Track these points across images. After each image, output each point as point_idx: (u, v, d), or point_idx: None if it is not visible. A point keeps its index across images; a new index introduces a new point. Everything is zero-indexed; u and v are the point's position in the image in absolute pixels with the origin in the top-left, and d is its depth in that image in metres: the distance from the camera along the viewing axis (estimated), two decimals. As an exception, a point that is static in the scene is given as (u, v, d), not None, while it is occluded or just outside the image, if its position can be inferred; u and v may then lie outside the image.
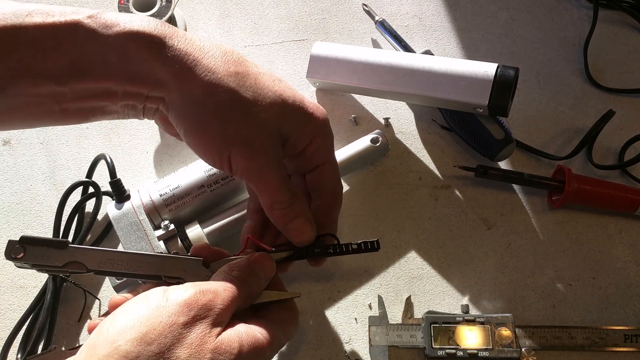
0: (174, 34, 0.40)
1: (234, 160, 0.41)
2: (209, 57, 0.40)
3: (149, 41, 0.39)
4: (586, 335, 0.50)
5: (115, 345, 0.32)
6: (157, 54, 0.39)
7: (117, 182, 0.51)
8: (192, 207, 0.51)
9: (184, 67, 0.39)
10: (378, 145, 0.56)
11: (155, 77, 0.40)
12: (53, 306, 0.50)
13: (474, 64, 0.54)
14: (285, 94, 0.43)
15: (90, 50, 0.38)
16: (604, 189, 0.55)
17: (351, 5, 0.66)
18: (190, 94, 0.40)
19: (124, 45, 0.39)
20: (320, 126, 0.44)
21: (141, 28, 0.39)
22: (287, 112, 0.42)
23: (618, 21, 0.65)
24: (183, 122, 0.41)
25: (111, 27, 0.39)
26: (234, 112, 0.40)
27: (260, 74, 0.42)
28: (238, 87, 0.40)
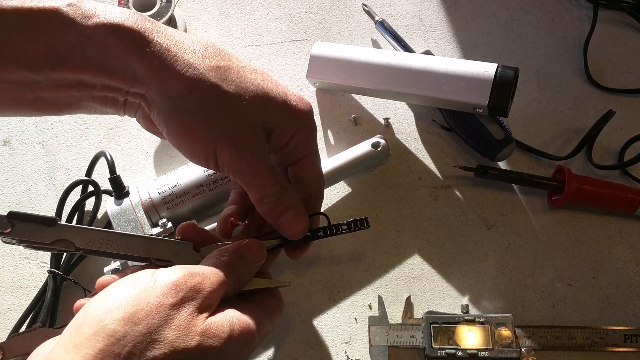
0: (154, 28, 0.40)
1: (219, 156, 0.40)
2: (189, 52, 0.40)
3: (129, 35, 0.38)
4: (586, 335, 0.50)
5: (102, 324, 0.32)
6: (136, 49, 0.38)
7: (117, 179, 0.51)
8: (190, 206, 0.51)
9: (163, 62, 0.39)
10: (379, 150, 0.56)
11: (134, 72, 0.39)
12: (53, 305, 0.50)
13: (473, 64, 0.54)
14: (268, 87, 0.42)
15: (67, 40, 0.37)
16: (604, 189, 0.55)
17: (351, 5, 0.66)
18: (170, 91, 0.39)
19: (102, 37, 0.38)
20: (303, 119, 0.44)
21: (121, 21, 0.38)
22: (270, 106, 0.41)
23: (618, 21, 0.65)
24: (165, 120, 0.40)
25: (90, 17, 0.38)
26: (216, 107, 0.39)
27: (243, 67, 0.42)
28: (220, 81, 0.40)
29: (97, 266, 0.54)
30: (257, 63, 0.63)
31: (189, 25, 0.64)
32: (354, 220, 0.44)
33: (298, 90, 0.61)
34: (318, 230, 0.45)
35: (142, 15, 0.40)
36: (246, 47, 0.64)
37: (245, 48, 0.64)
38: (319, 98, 0.61)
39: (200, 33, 0.64)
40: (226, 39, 0.64)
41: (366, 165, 0.56)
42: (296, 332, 0.51)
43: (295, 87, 0.62)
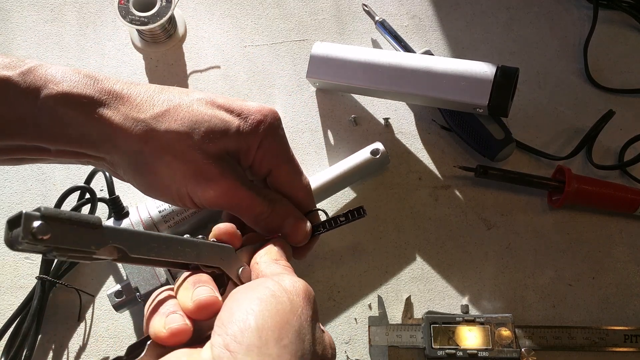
0: (104, 89, 0.39)
1: (193, 195, 0.40)
2: (135, 107, 0.40)
3: (79, 103, 0.38)
4: (586, 336, 0.50)
5: (282, 343, 0.30)
6: (87, 116, 0.39)
7: (116, 200, 0.51)
8: (191, 223, 0.51)
9: (113, 124, 0.39)
10: (378, 157, 0.55)
11: (90, 139, 0.39)
12: (39, 312, 0.49)
13: (474, 64, 0.53)
14: (219, 115, 0.41)
15: (19, 110, 0.38)
16: (604, 189, 0.55)
17: (351, 5, 0.66)
18: (126, 150, 0.39)
19: (54, 107, 0.38)
20: (264, 130, 0.42)
21: (70, 89, 0.38)
22: (227, 132, 0.41)
23: (618, 21, 0.65)
24: (131, 177, 0.41)
25: (41, 88, 0.38)
26: (173, 150, 0.39)
27: (192, 101, 0.41)
28: (170, 124, 0.39)
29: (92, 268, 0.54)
30: (257, 63, 0.63)
31: (189, 25, 0.64)
32: (350, 211, 0.45)
33: (298, 90, 0.61)
34: (317, 227, 0.45)
35: (93, 76, 0.40)
36: (246, 47, 0.64)
37: (245, 48, 0.64)
38: (319, 98, 0.61)
39: (200, 33, 0.64)
40: (226, 39, 0.64)
41: (366, 172, 0.56)
42: (296, 332, 0.51)
43: (295, 87, 0.62)
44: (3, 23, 0.64)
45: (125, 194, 0.56)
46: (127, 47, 0.63)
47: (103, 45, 0.63)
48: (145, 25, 0.58)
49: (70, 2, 0.65)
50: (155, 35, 0.61)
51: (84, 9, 0.65)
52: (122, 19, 0.58)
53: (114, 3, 0.60)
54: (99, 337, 0.51)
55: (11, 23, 0.64)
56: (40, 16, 0.64)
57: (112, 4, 0.65)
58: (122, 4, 0.59)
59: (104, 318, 0.52)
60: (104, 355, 0.51)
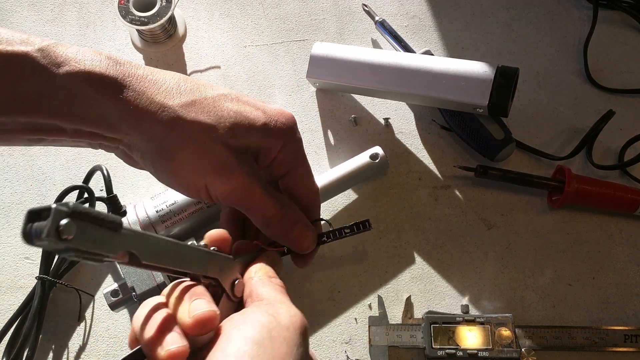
0: (127, 72, 0.39)
1: (211, 187, 0.40)
2: (162, 93, 0.39)
3: (100, 83, 0.38)
4: (586, 335, 0.50)
5: None
6: (109, 97, 0.38)
7: (114, 198, 0.51)
8: (189, 224, 0.51)
9: (138, 107, 0.38)
10: (377, 161, 0.55)
11: (108, 119, 0.38)
12: (40, 312, 0.49)
13: (474, 64, 0.53)
14: (246, 111, 0.41)
15: (37, 86, 0.37)
16: (604, 189, 0.55)
17: (351, 5, 0.66)
18: (150, 134, 0.39)
19: (74, 85, 0.37)
20: (285, 134, 0.43)
21: (92, 68, 0.38)
22: (251, 130, 0.41)
23: (618, 21, 0.65)
24: (151, 161, 0.40)
25: (61, 64, 0.37)
26: (200, 142, 0.39)
27: (218, 96, 0.41)
28: (197, 115, 0.39)
29: (92, 268, 0.54)
30: (257, 63, 0.63)
31: (189, 25, 0.64)
32: (356, 223, 0.45)
33: (298, 90, 0.61)
34: (322, 236, 0.45)
35: (114, 58, 0.39)
36: (246, 47, 0.64)
37: (245, 48, 0.64)
38: (319, 98, 0.61)
39: (200, 33, 0.64)
40: (226, 39, 0.64)
41: (365, 177, 0.56)
42: (296, 332, 0.51)
43: (295, 87, 0.62)
44: (3, 23, 0.64)
45: (124, 193, 0.56)
46: (127, 47, 0.63)
47: (103, 45, 0.63)
48: (145, 25, 0.58)
49: (70, 2, 0.65)
50: (155, 36, 0.61)
51: (84, 9, 0.65)
52: (122, 19, 0.58)
53: (114, 3, 0.60)
54: (99, 337, 0.51)
55: (11, 23, 0.64)
56: (40, 16, 0.64)
57: (112, 4, 0.65)
58: (122, 4, 0.59)
59: (103, 318, 0.52)
60: (104, 355, 0.51)
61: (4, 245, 0.55)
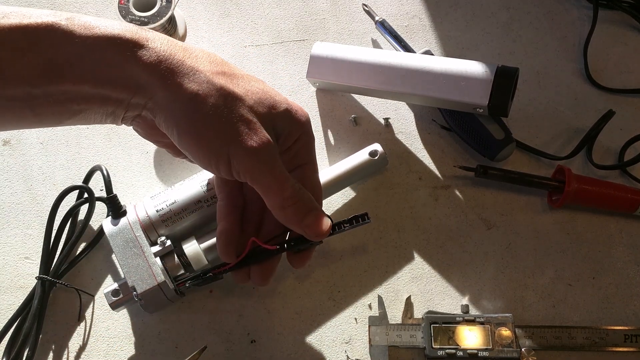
0: (155, 37, 0.40)
1: (234, 160, 0.40)
2: (193, 58, 0.40)
3: (129, 44, 0.39)
4: (586, 335, 0.50)
5: None
6: (139, 58, 0.39)
7: (113, 198, 0.51)
8: (189, 223, 0.50)
9: (168, 68, 0.39)
10: (377, 158, 0.55)
11: (137, 81, 0.39)
12: (40, 312, 0.49)
13: (474, 64, 0.54)
14: (272, 92, 0.43)
15: (66, 52, 0.38)
16: (604, 189, 0.55)
17: (351, 5, 0.66)
18: (179, 95, 0.39)
19: (102, 48, 0.38)
20: (304, 126, 0.44)
21: (121, 32, 0.39)
22: (277, 110, 0.42)
23: (618, 21, 0.65)
24: (175, 124, 0.40)
25: (89, 29, 0.38)
26: (227, 108, 0.39)
27: (244, 75, 0.42)
28: (228, 84, 0.40)
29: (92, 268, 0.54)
30: (257, 63, 0.63)
31: (189, 25, 0.64)
32: (355, 217, 0.45)
33: (298, 90, 0.61)
34: None
35: (143, 27, 0.40)
36: (246, 47, 0.64)
37: (245, 48, 0.64)
38: (319, 98, 0.61)
39: (200, 33, 0.64)
40: (226, 39, 0.64)
41: (364, 174, 0.56)
42: (296, 332, 0.51)
43: (295, 87, 0.62)
44: (3, 23, 0.64)
45: (124, 193, 0.56)
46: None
47: (103, 45, 0.63)
48: (146, 25, 0.58)
49: (70, 2, 0.65)
50: (155, 35, 0.61)
51: (84, 9, 0.65)
52: (122, 19, 0.58)
53: (114, 3, 0.60)
54: (99, 337, 0.51)
55: (11, 23, 0.64)
56: (40, 16, 0.64)
57: (112, 4, 0.65)
58: (122, 4, 0.59)
59: (103, 318, 0.52)
60: (104, 354, 0.51)
61: (4, 245, 0.55)
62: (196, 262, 0.49)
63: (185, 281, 0.48)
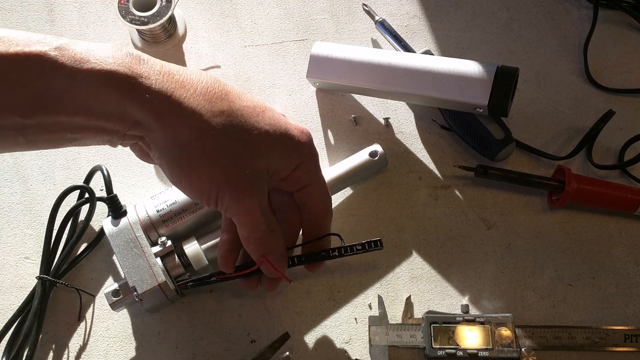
0: (151, 70, 0.38)
1: (221, 199, 0.41)
2: (192, 96, 0.39)
3: (124, 83, 0.37)
4: (586, 335, 0.50)
5: None
6: (134, 97, 0.37)
7: (114, 198, 0.51)
8: (190, 223, 0.51)
9: (166, 109, 0.38)
10: (377, 159, 0.55)
11: (133, 117, 0.38)
12: (40, 312, 0.49)
13: (474, 64, 0.54)
14: (271, 126, 0.42)
15: (56, 85, 0.36)
16: (604, 189, 0.55)
17: (351, 5, 0.66)
18: (175, 137, 0.39)
19: (95, 84, 0.37)
20: (304, 151, 0.44)
21: (114, 67, 0.37)
22: (274, 147, 0.42)
23: (618, 21, 0.65)
24: (169, 163, 0.40)
25: (81, 62, 0.37)
26: (222, 154, 0.39)
27: (244, 107, 0.41)
28: (225, 128, 0.39)
29: (92, 268, 0.54)
30: (257, 63, 0.63)
31: (189, 25, 0.64)
32: (368, 242, 0.47)
33: (298, 90, 0.61)
34: (333, 250, 0.47)
35: (136, 55, 0.39)
36: (246, 47, 0.64)
37: (245, 48, 0.63)
38: (319, 98, 0.61)
39: (200, 33, 0.64)
40: (226, 39, 0.64)
41: (364, 174, 0.56)
42: (296, 332, 0.51)
43: (295, 87, 0.62)
44: (3, 23, 0.64)
45: (125, 193, 0.56)
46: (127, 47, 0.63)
47: (103, 45, 0.63)
48: (145, 25, 0.58)
49: (70, 2, 0.65)
50: (155, 35, 0.61)
51: (84, 9, 0.65)
52: (122, 18, 0.58)
53: (114, 3, 0.60)
54: (99, 337, 0.51)
55: (11, 23, 0.64)
56: (40, 16, 0.64)
57: (112, 4, 0.65)
58: (122, 4, 0.59)
59: (104, 318, 0.52)
60: (104, 354, 0.51)
61: (4, 245, 0.55)
62: (197, 262, 0.49)
63: (187, 282, 0.48)
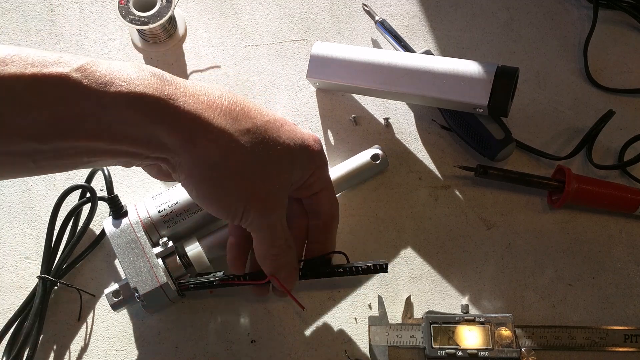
0: (177, 91, 0.37)
1: (246, 215, 0.41)
2: (218, 116, 0.38)
3: (154, 106, 0.36)
4: (586, 335, 0.50)
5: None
6: (163, 120, 0.36)
7: (114, 199, 0.51)
8: (191, 223, 0.50)
9: (195, 132, 0.37)
10: (378, 162, 0.55)
11: (159, 140, 0.37)
12: (41, 311, 0.49)
13: (474, 64, 0.54)
14: (290, 139, 0.42)
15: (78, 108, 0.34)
16: (604, 189, 0.55)
17: (351, 5, 0.66)
18: (204, 159, 0.38)
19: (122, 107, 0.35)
20: (318, 158, 0.45)
21: (142, 89, 0.35)
22: (295, 160, 0.42)
23: (618, 21, 0.65)
24: (197, 184, 0.40)
25: (107, 85, 0.35)
26: (250, 172, 0.40)
27: (267, 123, 0.41)
28: (252, 145, 0.40)
29: (93, 268, 0.54)
30: (257, 63, 0.63)
31: (189, 25, 0.64)
32: (374, 265, 0.48)
33: (298, 90, 0.61)
34: (338, 267, 0.48)
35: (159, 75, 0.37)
36: (246, 47, 0.64)
37: (245, 48, 0.64)
38: (319, 98, 0.61)
39: (200, 33, 0.64)
40: (226, 39, 0.64)
41: (365, 176, 0.56)
42: (296, 332, 0.51)
43: (295, 87, 0.62)
44: (3, 23, 0.64)
45: (125, 193, 0.56)
46: (127, 47, 0.63)
47: (103, 45, 0.63)
48: (146, 25, 0.58)
49: (70, 2, 0.65)
50: (155, 35, 0.61)
51: (84, 9, 0.65)
52: (122, 18, 0.58)
53: (114, 3, 0.60)
54: (99, 337, 0.51)
55: (11, 23, 0.64)
56: (40, 16, 0.64)
57: (112, 4, 0.65)
58: (123, 4, 0.59)
59: (104, 318, 0.52)
60: (104, 354, 0.51)
61: (4, 245, 0.55)
62: (198, 263, 0.49)
63: (189, 284, 0.48)
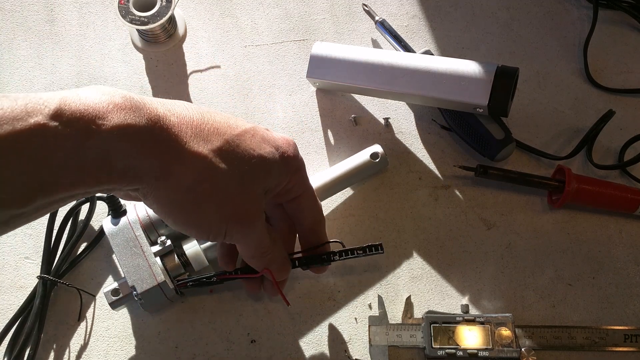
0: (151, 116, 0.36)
1: (229, 232, 0.41)
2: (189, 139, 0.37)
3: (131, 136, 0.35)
4: (586, 335, 0.50)
5: None
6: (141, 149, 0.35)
7: (113, 198, 0.51)
8: None
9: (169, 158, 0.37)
10: (378, 160, 0.55)
11: (136, 172, 0.36)
12: (41, 311, 0.49)
13: (474, 64, 0.54)
14: (263, 150, 0.41)
15: (59, 158, 0.32)
16: (604, 188, 0.55)
17: (351, 5, 0.66)
18: (178, 184, 0.37)
19: (106, 144, 0.33)
20: (294, 163, 0.44)
21: (120, 121, 0.34)
22: (270, 169, 0.42)
23: (618, 21, 0.65)
24: (171, 210, 0.39)
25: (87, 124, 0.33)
26: (228, 191, 0.39)
27: (237, 137, 0.40)
28: (226, 163, 0.39)
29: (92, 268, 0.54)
30: (257, 63, 0.63)
31: (189, 25, 0.64)
32: (369, 245, 0.48)
33: (298, 90, 0.61)
34: (334, 253, 0.48)
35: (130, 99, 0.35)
36: (246, 47, 0.64)
37: (245, 48, 0.64)
38: (319, 98, 0.61)
39: (200, 33, 0.64)
40: (226, 39, 0.64)
41: (364, 175, 0.56)
42: (296, 332, 0.51)
43: (295, 87, 0.62)
44: (3, 23, 0.64)
45: (126, 193, 0.56)
46: (127, 47, 0.63)
47: (103, 45, 0.63)
48: (146, 25, 0.58)
49: (70, 2, 0.65)
50: (155, 35, 0.62)
51: (84, 9, 0.65)
52: (122, 18, 0.58)
53: (114, 3, 0.60)
54: (99, 337, 0.51)
55: (11, 23, 0.64)
56: (40, 16, 0.64)
57: (112, 4, 0.65)
58: (122, 4, 0.59)
59: (104, 318, 0.52)
60: (104, 354, 0.51)
61: (4, 245, 0.55)
62: (196, 262, 0.49)
63: (187, 282, 0.48)
